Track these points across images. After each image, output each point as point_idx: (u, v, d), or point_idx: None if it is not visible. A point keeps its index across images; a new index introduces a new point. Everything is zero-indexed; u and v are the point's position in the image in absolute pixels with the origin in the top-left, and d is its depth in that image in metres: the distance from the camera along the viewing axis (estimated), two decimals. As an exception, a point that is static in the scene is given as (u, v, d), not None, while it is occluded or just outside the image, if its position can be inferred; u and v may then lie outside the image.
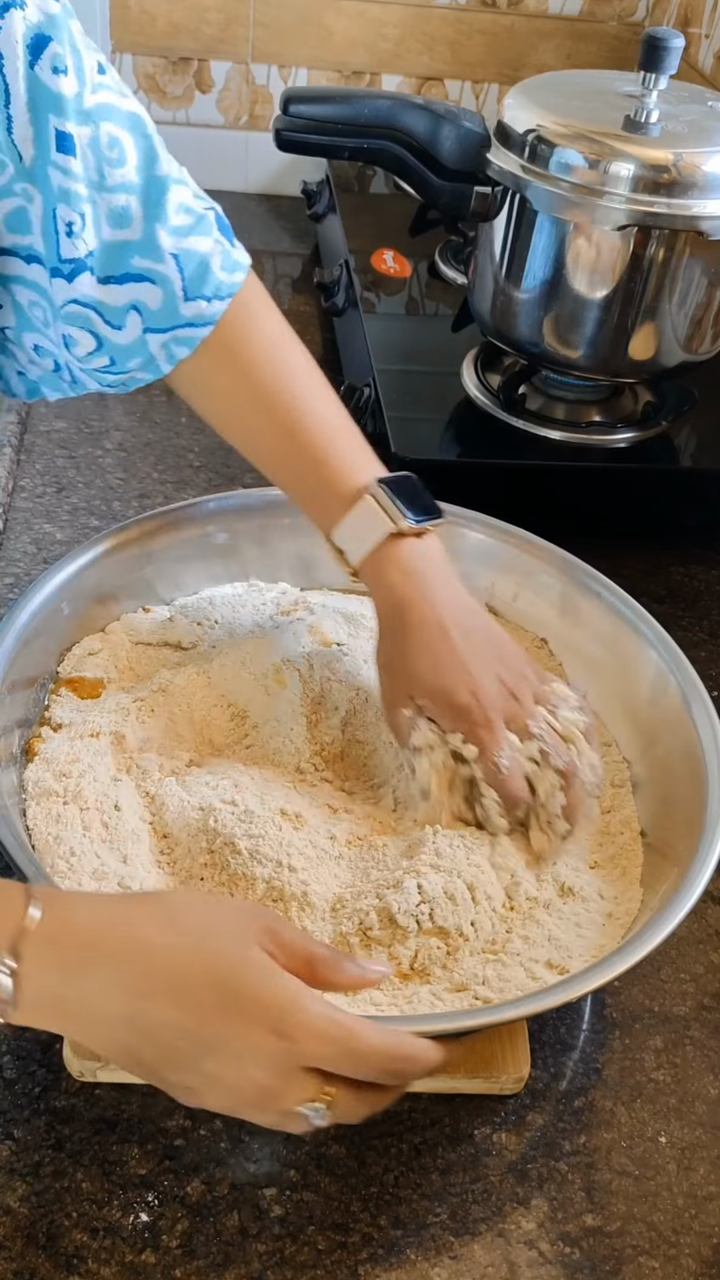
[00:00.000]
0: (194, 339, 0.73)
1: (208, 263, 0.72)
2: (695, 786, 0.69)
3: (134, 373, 0.75)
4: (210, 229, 0.73)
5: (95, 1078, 0.64)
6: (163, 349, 0.73)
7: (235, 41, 1.51)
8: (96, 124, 0.67)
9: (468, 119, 1.00)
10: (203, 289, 0.72)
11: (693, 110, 0.99)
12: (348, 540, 0.74)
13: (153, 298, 0.71)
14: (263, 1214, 0.61)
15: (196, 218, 0.72)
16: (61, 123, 0.65)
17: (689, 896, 0.62)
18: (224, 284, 0.73)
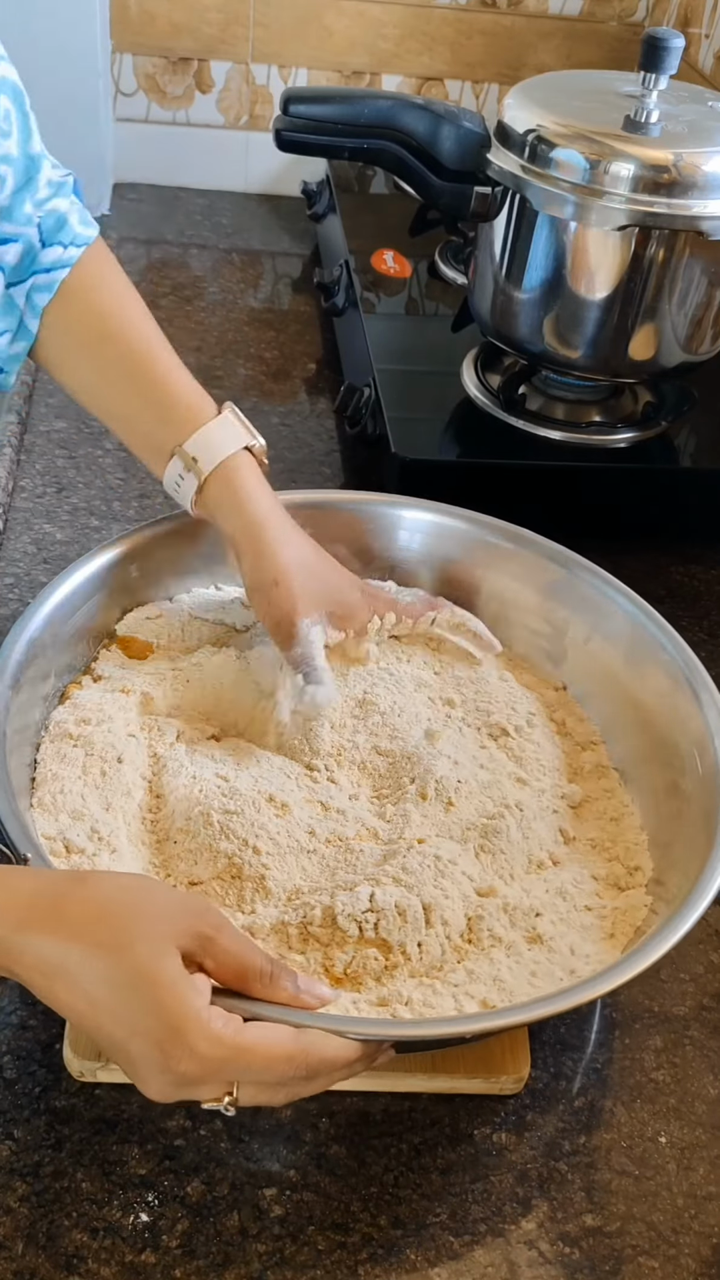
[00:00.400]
0: (53, 283, 0.77)
1: (65, 218, 0.78)
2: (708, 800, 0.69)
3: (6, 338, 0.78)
4: (69, 192, 0.79)
5: (95, 1077, 0.64)
6: (25, 300, 0.77)
7: (235, 41, 1.51)
8: None
9: (468, 119, 1.00)
10: (59, 237, 0.77)
11: (693, 110, 0.99)
12: (203, 449, 0.76)
13: (13, 255, 0.76)
14: (263, 1214, 0.61)
15: (57, 185, 0.78)
16: None
17: (700, 902, 0.62)
18: (80, 234, 0.78)
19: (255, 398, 1.21)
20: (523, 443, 1.07)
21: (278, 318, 1.36)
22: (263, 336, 1.32)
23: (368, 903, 0.64)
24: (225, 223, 1.54)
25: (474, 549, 0.87)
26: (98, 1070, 0.63)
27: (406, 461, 1.01)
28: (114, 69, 1.52)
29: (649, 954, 0.59)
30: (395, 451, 1.01)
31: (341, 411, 1.13)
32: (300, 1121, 0.64)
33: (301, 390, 1.24)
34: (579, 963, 0.65)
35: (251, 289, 1.42)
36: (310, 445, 1.15)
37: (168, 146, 1.56)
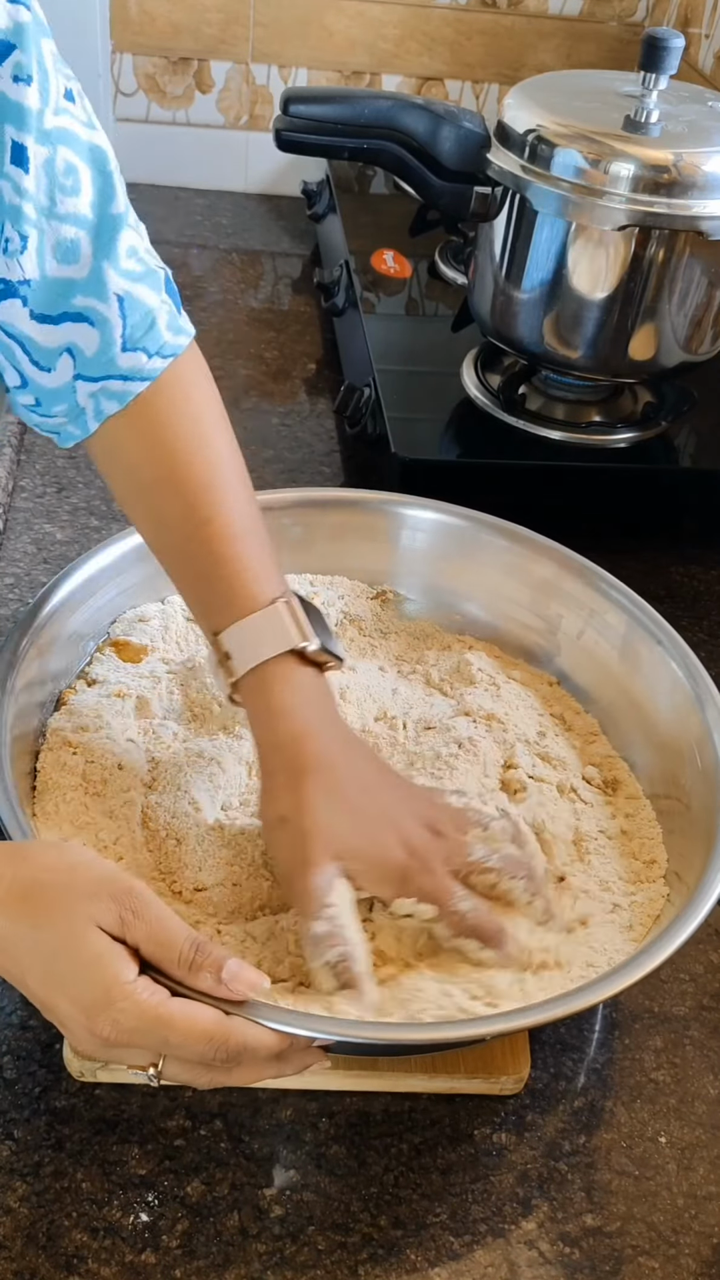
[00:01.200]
0: (126, 394, 0.67)
1: (154, 317, 0.67)
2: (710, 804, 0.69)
3: (62, 421, 0.69)
4: (160, 286, 0.68)
5: (95, 1077, 0.64)
6: (90, 400, 0.68)
7: (235, 41, 1.51)
8: (54, 146, 0.62)
9: (468, 119, 1.00)
10: (144, 342, 0.67)
11: (693, 110, 0.99)
12: (239, 645, 0.65)
13: (89, 342, 0.66)
14: (263, 1214, 0.61)
15: (148, 269, 0.68)
16: (20, 135, 0.60)
17: (704, 902, 0.63)
18: (167, 344, 0.68)
19: (255, 398, 1.21)
20: (523, 443, 1.07)
21: (278, 318, 1.36)
22: (263, 336, 1.32)
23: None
24: (225, 223, 1.54)
25: (467, 544, 0.87)
26: (98, 1070, 0.63)
27: (406, 461, 1.01)
28: (114, 69, 1.52)
29: (646, 962, 0.60)
30: (395, 451, 1.01)
31: (341, 411, 1.13)
32: (300, 1121, 0.64)
33: (301, 390, 1.24)
34: (597, 955, 0.65)
35: (251, 289, 1.42)
36: (310, 445, 1.15)
37: (168, 146, 1.56)
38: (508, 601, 0.86)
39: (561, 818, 0.73)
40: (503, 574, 0.86)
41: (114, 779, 0.71)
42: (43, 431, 0.72)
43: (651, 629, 0.79)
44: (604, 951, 0.65)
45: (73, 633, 0.78)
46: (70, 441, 0.71)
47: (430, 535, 0.87)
